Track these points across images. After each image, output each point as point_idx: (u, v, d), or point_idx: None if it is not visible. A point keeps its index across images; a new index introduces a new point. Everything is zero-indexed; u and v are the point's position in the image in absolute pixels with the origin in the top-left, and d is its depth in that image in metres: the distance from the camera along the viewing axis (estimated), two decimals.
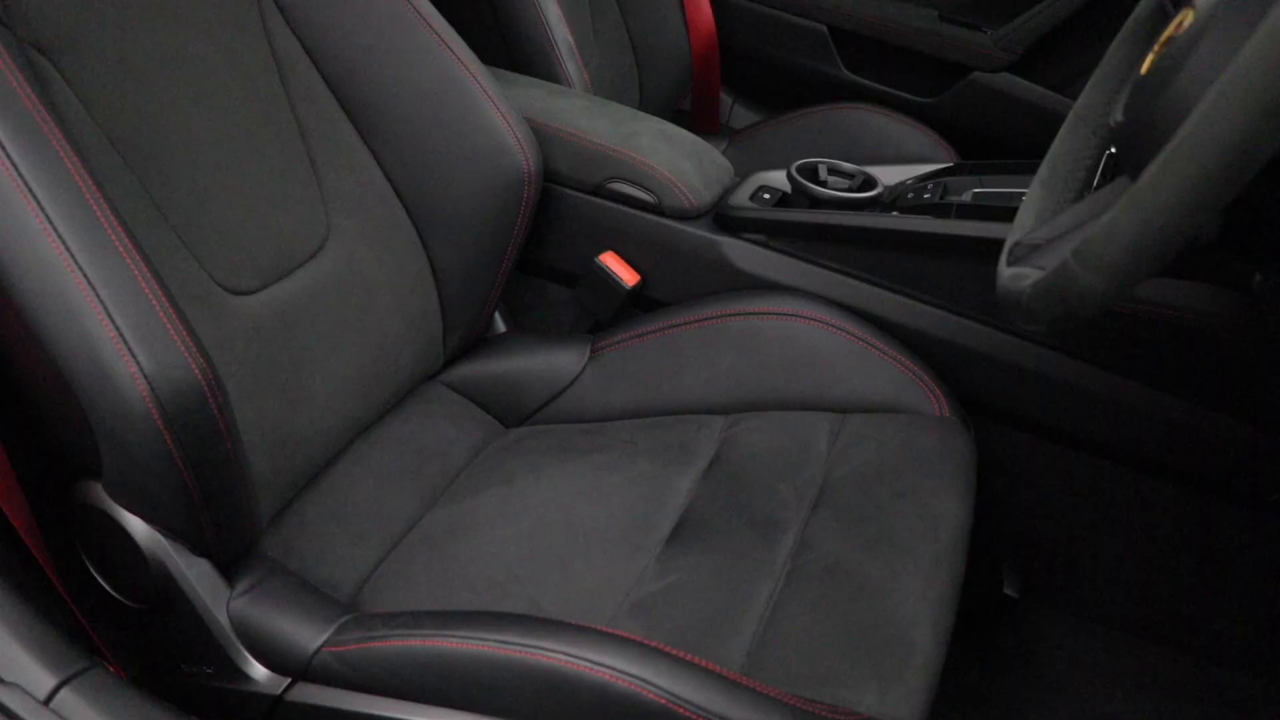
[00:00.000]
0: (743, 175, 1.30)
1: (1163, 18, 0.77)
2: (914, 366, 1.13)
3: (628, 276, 1.23)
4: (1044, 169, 0.84)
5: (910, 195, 1.19)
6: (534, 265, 1.31)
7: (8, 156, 0.76)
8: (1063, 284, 0.60)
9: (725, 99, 2.19)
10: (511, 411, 1.21)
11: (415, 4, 1.12)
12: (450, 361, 1.23)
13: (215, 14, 1.04)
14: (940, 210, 1.14)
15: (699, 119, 2.09)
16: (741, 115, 2.20)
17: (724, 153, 1.83)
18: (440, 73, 1.12)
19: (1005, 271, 0.74)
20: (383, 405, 1.14)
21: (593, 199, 1.24)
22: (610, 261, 1.23)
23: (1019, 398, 1.15)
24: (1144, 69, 0.67)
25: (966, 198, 1.15)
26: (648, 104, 1.88)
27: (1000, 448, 1.18)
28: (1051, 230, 0.75)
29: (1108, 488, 1.17)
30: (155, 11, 0.99)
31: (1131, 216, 0.53)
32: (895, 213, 1.17)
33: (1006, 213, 1.11)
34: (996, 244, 1.07)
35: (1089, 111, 0.84)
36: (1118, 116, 0.69)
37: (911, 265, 1.15)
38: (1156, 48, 0.66)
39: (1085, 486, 1.18)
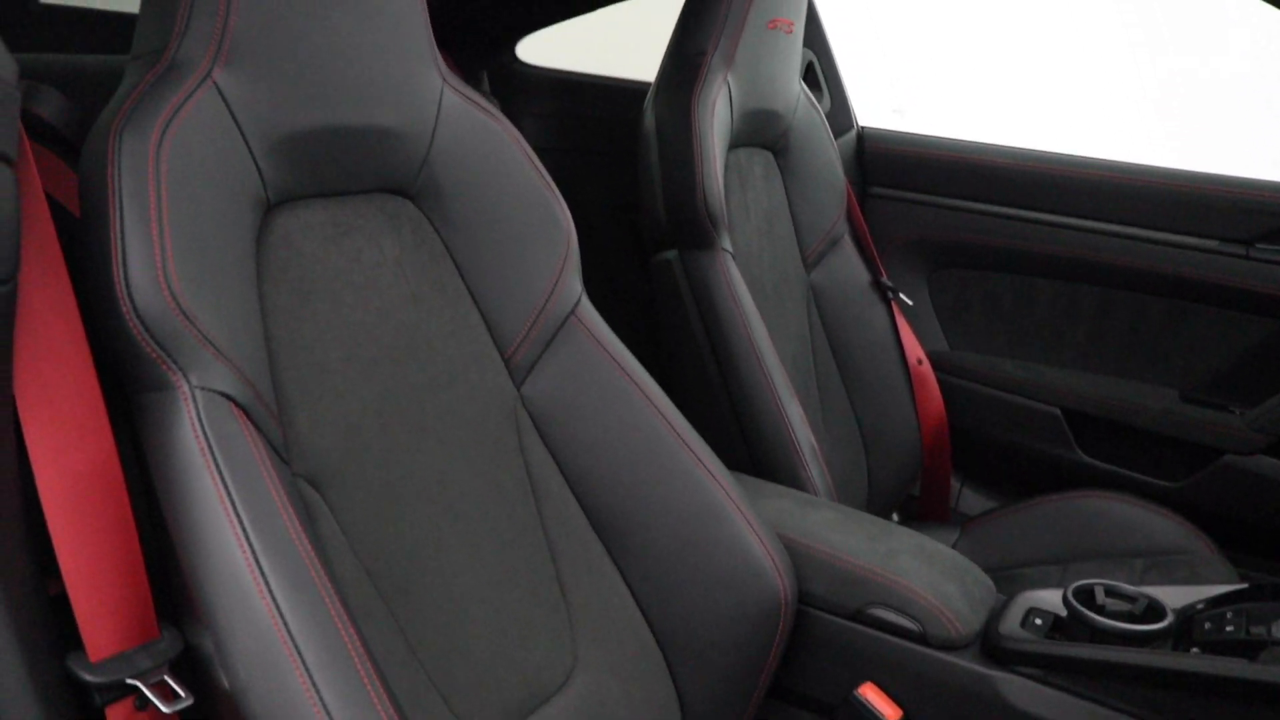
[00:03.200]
0: (1008, 594, 1.20)
1: None
2: None
3: (890, 712, 1.12)
4: None
5: (1207, 625, 1.06)
6: (785, 691, 1.21)
7: (274, 601, 0.74)
8: None
9: (954, 482, 2.12)
10: None
11: (672, 421, 1.11)
12: None
13: (474, 434, 1.04)
14: (1250, 648, 1.01)
15: (928, 506, 2.01)
16: (970, 500, 2.11)
17: (957, 544, 1.74)
18: (696, 493, 1.08)
19: None
20: None
21: (851, 625, 1.15)
22: (870, 694, 1.13)
23: None
24: None
25: (1278, 631, 1.02)
26: (876, 492, 1.82)
27: None
28: None
29: None
30: (418, 436, 0.99)
31: None
32: (1195, 649, 1.04)
33: None
34: None
35: None
36: None
37: (1220, 712, 1.01)
38: None
39: None
